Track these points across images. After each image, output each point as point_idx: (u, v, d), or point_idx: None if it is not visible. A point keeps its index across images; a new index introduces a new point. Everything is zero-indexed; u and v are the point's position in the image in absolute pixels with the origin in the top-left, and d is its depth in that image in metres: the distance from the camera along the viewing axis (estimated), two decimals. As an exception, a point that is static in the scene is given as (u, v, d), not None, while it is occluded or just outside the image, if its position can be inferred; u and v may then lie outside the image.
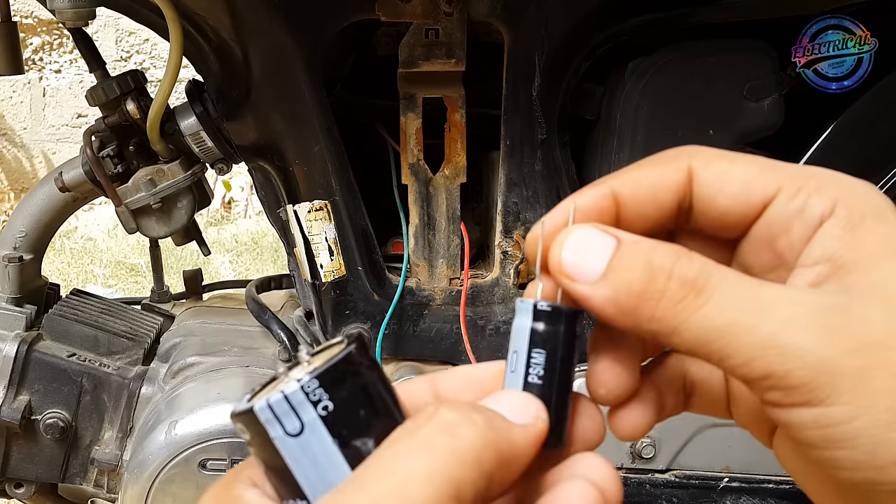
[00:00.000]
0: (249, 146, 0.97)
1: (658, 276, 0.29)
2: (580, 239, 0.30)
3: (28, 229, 1.05)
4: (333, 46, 0.95)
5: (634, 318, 0.29)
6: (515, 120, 0.92)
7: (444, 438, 0.26)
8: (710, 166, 0.31)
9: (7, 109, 3.56)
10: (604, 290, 0.29)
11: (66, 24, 0.96)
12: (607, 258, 0.30)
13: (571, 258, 0.30)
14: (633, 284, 0.29)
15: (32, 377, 0.98)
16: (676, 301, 0.29)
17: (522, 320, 0.31)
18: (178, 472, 0.89)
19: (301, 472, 0.26)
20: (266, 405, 0.26)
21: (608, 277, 0.29)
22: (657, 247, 0.30)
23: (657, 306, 0.29)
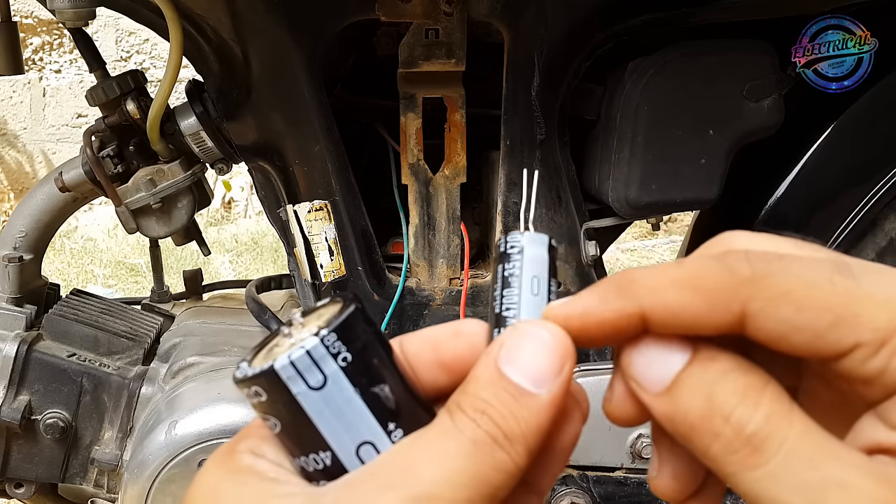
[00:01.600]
0: (249, 146, 0.97)
1: (716, 416, 0.26)
2: (654, 344, 0.28)
3: (28, 229, 1.05)
4: (333, 46, 0.95)
5: (689, 444, 0.27)
6: (515, 120, 0.92)
7: (487, 450, 0.26)
8: (772, 313, 0.26)
9: (7, 109, 3.56)
10: (664, 406, 0.27)
11: (66, 24, 0.96)
12: (674, 373, 0.27)
13: (641, 362, 0.28)
14: (690, 414, 0.27)
15: (32, 377, 0.98)
16: (731, 451, 0.26)
17: (539, 250, 0.31)
18: (178, 472, 0.89)
19: (325, 424, 0.27)
20: (288, 362, 0.27)
21: (670, 395, 0.27)
22: (727, 376, 0.27)
23: (711, 446, 0.26)
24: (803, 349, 0.26)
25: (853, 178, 0.98)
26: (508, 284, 0.31)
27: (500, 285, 0.31)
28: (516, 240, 0.31)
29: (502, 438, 0.27)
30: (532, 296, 0.31)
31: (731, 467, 0.26)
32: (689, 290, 0.27)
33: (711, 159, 0.91)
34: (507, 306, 0.31)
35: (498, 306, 0.31)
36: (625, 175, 0.91)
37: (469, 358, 0.30)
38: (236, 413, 0.90)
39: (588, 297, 0.28)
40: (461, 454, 0.26)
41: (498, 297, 0.31)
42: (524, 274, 0.31)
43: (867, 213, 0.97)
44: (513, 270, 0.31)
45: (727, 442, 0.26)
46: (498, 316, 0.31)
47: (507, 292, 0.31)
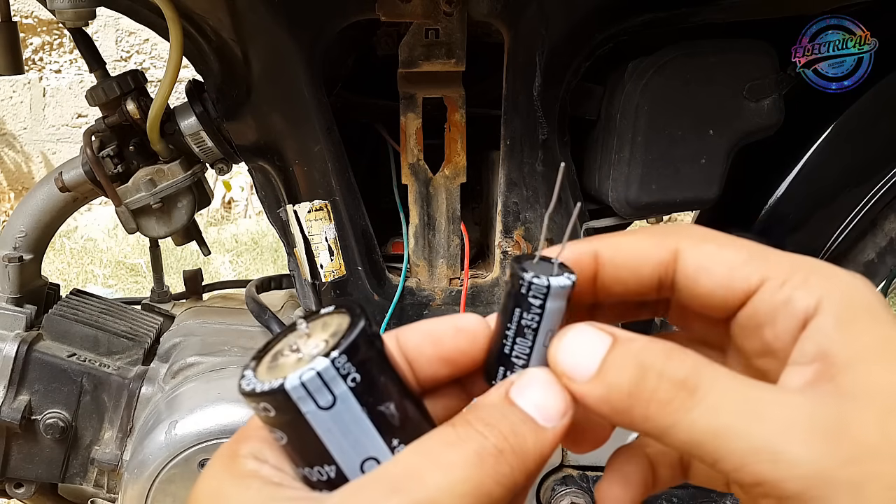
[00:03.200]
0: (249, 146, 0.97)
1: (649, 375, 0.28)
2: (576, 337, 0.30)
3: (28, 229, 1.05)
4: (333, 46, 0.95)
5: (628, 417, 0.29)
6: (515, 120, 0.92)
7: (490, 462, 0.27)
8: (698, 249, 0.31)
9: (7, 109, 3.56)
10: (597, 389, 0.29)
11: (66, 24, 0.96)
12: (601, 356, 0.29)
13: (567, 357, 0.30)
14: (624, 384, 0.29)
15: (32, 377, 0.98)
16: (667, 401, 0.28)
17: (559, 304, 0.31)
18: (178, 472, 0.89)
19: (332, 441, 0.28)
20: (299, 383, 0.27)
21: (600, 376, 0.29)
22: (649, 345, 0.29)
23: (649, 406, 0.28)
24: (719, 284, 0.31)
25: (853, 178, 0.98)
26: (523, 334, 0.31)
27: (514, 330, 0.31)
28: (540, 290, 0.31)
29: (509, 452, 0.28)
30: (543, 347, 0.31)
31: (671, 417, 0.28)
32: (637, 233, 0.32)
33: (711, 159, 0.91)
34: (518, 354, 0.31)
35: (508, 348, 0.31)
36: (625, 175, 0.91)
37: (470, 352, 0.32)
38: (236, 413, 0.90)
39: (557, 248, 0.32)
40: (466, 464, 0.27)
41: (509, 339, 0.31)
42: (541, 328, 0.31)
43: (867, 213, 0.97)
44: (530, 323, 0.31)
45: (663, 395, 0.28)
46: (506, 357, 0.31)
47: (520, 340, 0.31)
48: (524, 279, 0.31)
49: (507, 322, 0.31)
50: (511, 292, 0.31)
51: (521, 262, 0.31)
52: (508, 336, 0.31)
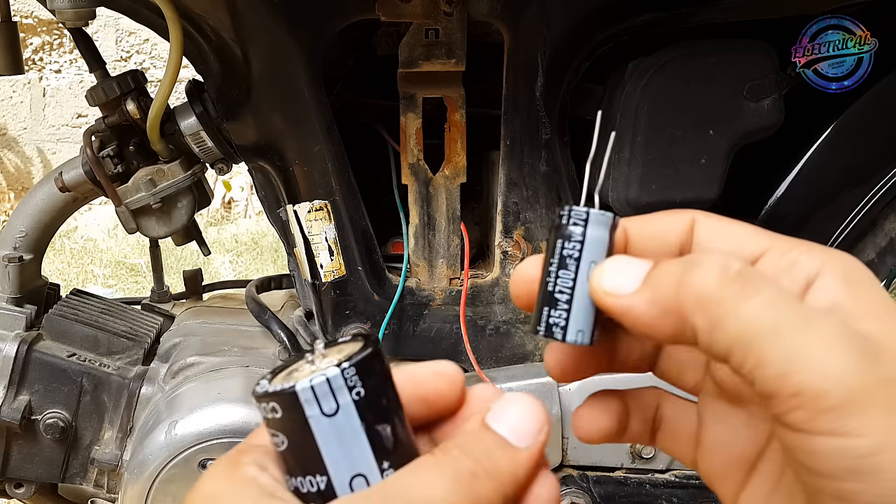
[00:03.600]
0: (249, 146, 0.97)
1: (702, 266, 0.29)
2: (617, 262, 0.32)
3: (28, 229, 1.05)
4: (333, 46, 0.95)
5: (676, 314, 0.29)
6: (515, 120, 0.92)
7: (466, 484, 0.29)
8: (711, 221, 0.33)
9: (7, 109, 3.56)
10: (644, 294, 0.30)
11: (66, 24, 0.96)
12: (644, 273, 0.31)
13: (609, 275, 0.31)
14: (673, 279, 0.29)
15: (32, 377, 0.98)
16: (722, 287, 0.28)
17: (601, 233, 0.32)
18: (178, 472, 0.89)
19: (328, 449, 0.29)
20: (308, 386, 0.29)
21: (647, 283, 0.30)
22: (697, 254, 0.30)
23: (701, 294, 0.29)
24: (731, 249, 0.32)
25: (853, 178, 0.98)
26: (565, 265, 0.32)
27: (557, 263, 0.32)
28: (580, 216, 0.32)
29: (482, 474, 0.29)
30: (587, 282, 0.32)
31: (726, 305, 0.28)
32: (657, 213, 0.35)
33: (711, 159, 0.91)
34: (561, 289, 0.32)
35: (551, 284, 0.33)
36: (625, 175, 0.91)
37: (449, 394, 0.33)
38: (236, 413, 0.90)
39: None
40: (444, 484, 0.28)
41: (552, 275, 0.33)
42: (583, 257, 0.32)
43: (867, 213, 0.97)
44: (571, 251, 0.32)
45: (716, 283, 0.28)
46: (549, 295, 0.33)
47: (562, 273, 0.32)
48: (564, 210, 0.32)
49: (549, 258, 0.33)
50: (552, 228, 0.33)
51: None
52: (551, 272, 0.32)
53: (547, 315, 0.33)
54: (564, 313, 0.32)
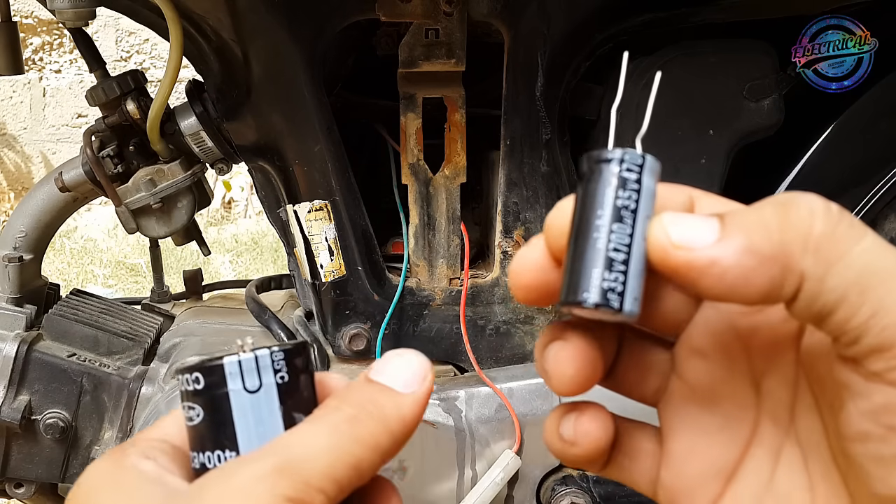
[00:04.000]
0: (249, 146, 0.97)
1: (802, 204, 0.26)
2: (677, 216, 0.27)
3: (28, 229, 1.05)
4: (333, 46, 0.95)
5: (778, 262, 0.25)
6: (515, 120, 0.92)
7: (346, 426, 0.29)
8: (710, 198, 0.32)
9: (7, 109, 3.56)
10: (733, 241, 0.26)
11: (66, 24, 0.96)
12: (717, 224, 0.26)
13: (681, 228, 0.27)
14: (773, 220, 0.26)
15: (32, 377, 0.98)
16: (834, 226, 0.25)
17: (654, 182, 0.28)
18: (178, 472, 0.89)
19: (243, 426, 0.29)
20: (236, 360, 0.29)
21: (734, 230, 0.26)
22: (769, 203, 0.27)
23: (811, 234, 0.25)
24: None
25: (853, 178, 0.98)
26: (620, 218, 0.27)
27: (610, 215, 0.27)
28: (636, 160, 0.28)
29: (365, 417, 0.29)
30: (643, 241, 0.27)
31: (842, 246, 0.25)
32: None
33: (711, 159, 0.91)
34: (617, 246, 0.27)
35: (602, 241, 0.27)
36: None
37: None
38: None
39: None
40: (325, 432, 0.29)
41: (602, 230, 0.27)
42: (640, 210, 0.27)
43: (867, 213, 0.97)
44: (628, 202, 0.27)
45: (825, 225, 0.25)
46: (599, 254, 0.27)
47: (617, 228, 0.27)
48: (613, 154, 0.28)
49: (596, 210, 0.27)
50: (589, 175, 0.28)
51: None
52: (600, 226, 0.27)
53: (599, 278, 0.27)
54: (621, 276, 0.27)
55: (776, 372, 0.30)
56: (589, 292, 0.27)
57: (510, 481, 0.94)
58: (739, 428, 0.31)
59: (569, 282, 0.28)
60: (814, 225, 0.26)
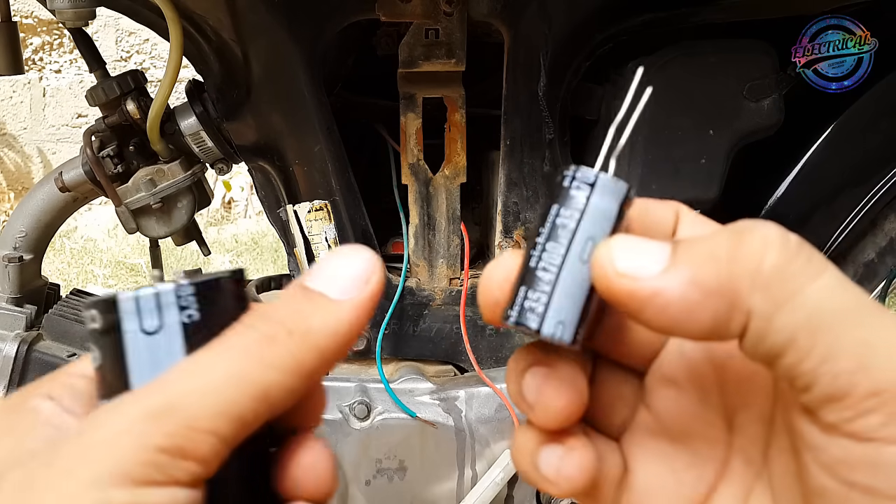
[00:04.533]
0: (249, 146, 0.97)
1: (756, 235, 0.24)
2: (629, 239, 0.26)
3: (28, 229, 1.05)
4: (333, 46, 0.95)
5: (724, 296, 0.24)
6: (516, 120, 0.92)
7: (256, 349, 0.25)
8: (692, 215, 0.30)
9: (7, 109, 3.56)
10: (678, 273, 0.24)
11: (66, 24, 0.96)
12: (667, 252, 0.25)
13: (626, 255, 0.25)
14: (721, 251, 0.24)
15: (32, 377, 0.98)
16: (788, 261, 0.23)
17: (608, 204, 0.26)
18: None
19: (138, 371, 0.25)
20: (133, 297, 0.25)
21: (681, 260, 0.24)
22: (724, 233, 0.25)
23: (762, 269, 0.23)
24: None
25: (853, 178, 0.98)
26: (555, 237, 0.26)
27: (547, 233, 0.26)
28: (586, 178, 0.26)
29: (284, 335, 0.25)
30: (580, 263, 0.26)
31: (796, 281, 0.23)
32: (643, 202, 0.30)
33: (711, 159, 0.91)
34: (546, 265, 0.26)
35: (535, 259, 0.26)
36: (624, 175, 0.90)
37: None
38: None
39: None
40: (221, 362, 0.25)
41: (538, 248, 0.26)
42: (580, 230, 0.26)
43: (867, 213, 0.97)
44: (566, 221, 0.26)
45: (778, 258, 0.23)
46: (530, 272, 0.26)
47: (550, 246, 0.26)
48: (568, 171, 0.26)
49: (539, 227, 0.27)
50: (551, 194, 0.27)
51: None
52: (538, 244, 0.26)
53: (523, 296, 0.26)
54: (545, 296, 0.26)
55: (751, 407, 0.28)
56: (512, 310, 0.26)
57: (510, 481, 0.94)
58: (708, 466, 0.29)
59: (507, 299, 0.27)
60: (765, 258, 0.24)
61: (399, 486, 0.93)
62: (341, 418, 0.92)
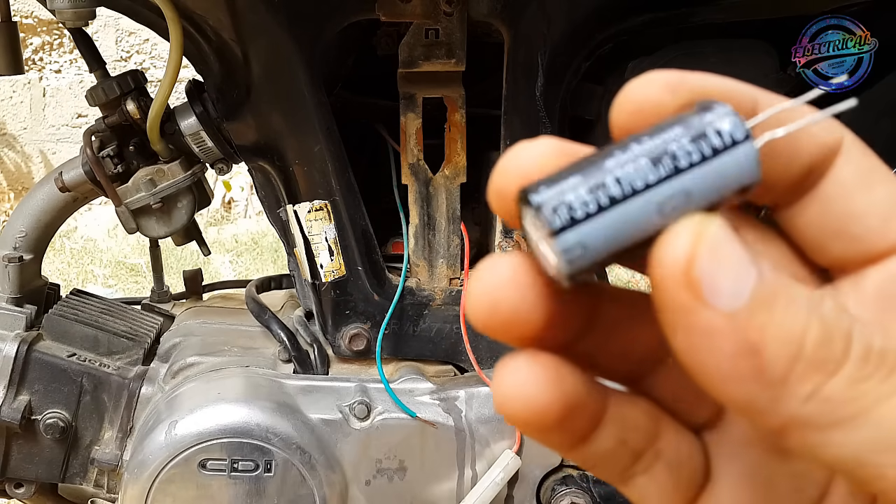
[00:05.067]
0: (249, 146, 0.97)
1: (836, 335, 0.19)
2: (723, 238, 0.19)
3: (28, 229, 1.05)
4: (333, 46, 0.95)
5: (778, 394, 0.19)
6: (516, 120, 0.92)
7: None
8: (862, 162, 0.26)
9: (7, 109, 3.56)
10: (751, 328, 0.19)
11: (66, 24, 0.96)
12: (751, 283, 0.19)
13: (709, 264, 0.19)
14: (798, 336, 0.19)
15: (32, 377, 0.98)
16: (858, 378, 0.19)
17: (737, 170, 0.20)
18: (178, 472, 0.89)
19: None
20: None
21: (758, 310, 0.19)
22: (818, 292, 0.20)
23: (827, 382, 0.19)
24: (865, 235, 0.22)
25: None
26: (655, 158, 0.20)
27: (649, 146, 0.20)
28: (736, 131, 0.20)
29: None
30: (655, 209, 0.20)
31: (863, 401, 0.19)
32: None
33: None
34: (620, 177, 0.20)
35: (613, 160, 0.20)
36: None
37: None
38: (236, 413, 0.90)
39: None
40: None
41: (628, 152, 0.20)
42: (687, 174, 0.20)
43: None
44: (681, 154, 0.20)
45: (853, 369, 0.19)
46: (597, 166, 0.20)
47: (642, 164, 0.20)
48: (723, 106, 0.20)
49: (640, 135, 0.20)
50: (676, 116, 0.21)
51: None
52: (627, 148, 0.20)
53: (570, 186, 0.20)
54: (594, 206, 0.19)
55: None
56: (545, 189, 0.20)
57: (510, 481, 0.94)
58: (809, 488, 0.23)
59: (537, 182, 0.21)
60: (840, 367, 0.19)
61: (399, 486, 0.93)
62: (341, 418, 0.92)
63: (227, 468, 0.89)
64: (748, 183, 0.20)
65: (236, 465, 0.89)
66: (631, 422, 0.23)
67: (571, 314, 0.22)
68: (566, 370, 0.21)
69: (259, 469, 0.89)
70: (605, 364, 0.24)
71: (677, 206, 0.20)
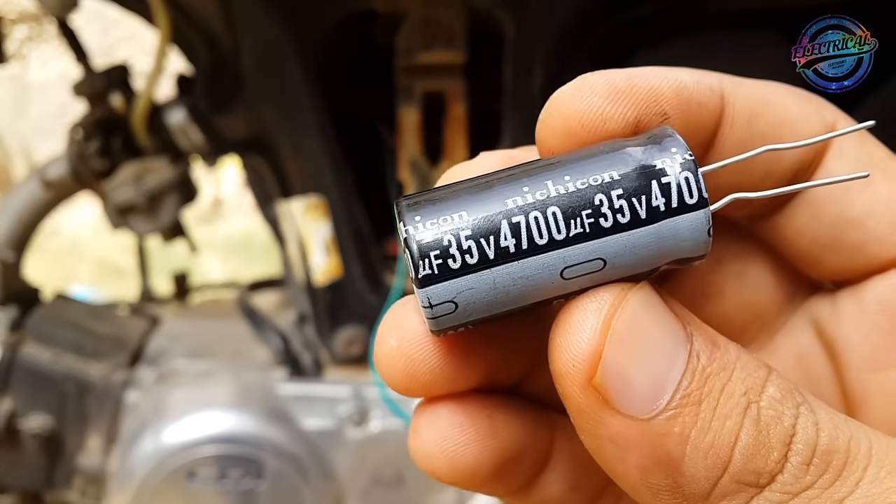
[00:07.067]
0: (240, 140, 0.95)
1: (773, 439, 0.16)
2: (633, 324, 0.16)
3: (10, 228, 1.02)
4: (329, 37, 0.93)
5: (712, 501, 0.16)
6: (516, 114, 0.89)
7: None
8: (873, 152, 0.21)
9: (-10, 105, 3.52)
10: (669, 436, 0.16)
11: (49, 13, 0.94)
12: (675, 379, 0.16)
13: (621, 361, 0.16)
14: (726, 446, 0.16)
15: (15, 382, 0.95)
16: (795, 490, 0.16)
17: (683, 245, 0.17)
18: (166, 482, 0.87)
19: None
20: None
21: (681, 414, 0.16)
22: (756, 371, 0.17)
23: (757, 497, 0.16)
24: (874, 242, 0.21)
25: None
26: (570, 202, 0.17)
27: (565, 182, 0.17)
28: (687, 194, 0.16)
29: None
30: (557, 273, 0.17)
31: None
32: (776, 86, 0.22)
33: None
34: (513, 214, 0.17)
35: (516, 201, 0.17)
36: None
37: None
38: (224, 420, 0.88)
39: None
40: None
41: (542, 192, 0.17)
42: (612, 237, 0.17)
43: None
44: (607, 201, 0.16)
45: (794, 474, 0.16)
46: (497, 210, 0.17)
47: (549, 210, 0.17)
48: (665, 139, 0.16)
49: (558, 169, 0.17)
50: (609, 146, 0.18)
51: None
52: (537, 189, 0.16)
53: (451, 225, 0.16)
54: (476, 257, 0.16)
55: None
56: (413, 220, 0.16)
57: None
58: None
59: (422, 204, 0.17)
60: (778, 473, 0.17)
61: (397, 497, 0.91)
62: (336, 426, 0.90)
63: (216, 478, 0.86)
64: (690, 256, 0.16)
65: (226, 474, 0.86)
66: (583, 461, 0.20)
67: (489, 355, 0.19)
68: (499, 414, 0.18)
69: (250, 479, 0.87)
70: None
71: (588, 275, 0.15)
